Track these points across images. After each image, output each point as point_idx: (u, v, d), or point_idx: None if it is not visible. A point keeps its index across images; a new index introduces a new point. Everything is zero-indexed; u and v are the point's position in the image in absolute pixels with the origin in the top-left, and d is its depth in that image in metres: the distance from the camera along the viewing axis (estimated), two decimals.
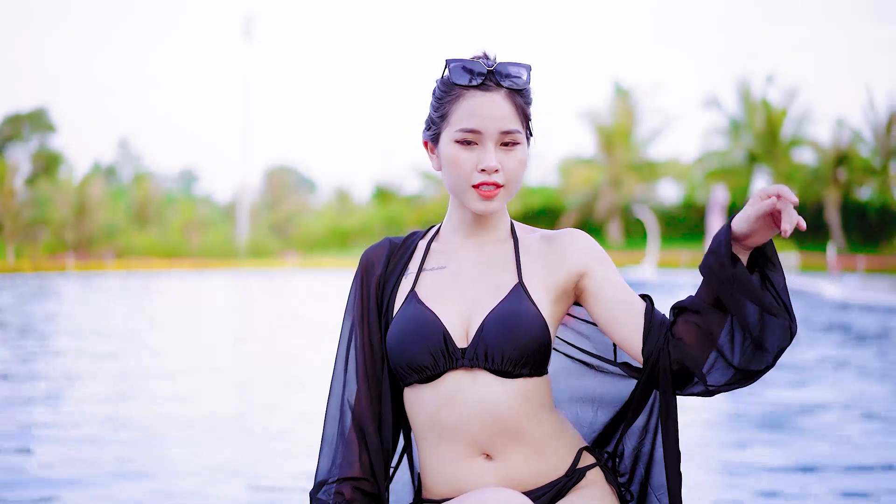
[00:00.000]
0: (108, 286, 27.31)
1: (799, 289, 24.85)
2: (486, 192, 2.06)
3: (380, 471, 2.14)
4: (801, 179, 45.90)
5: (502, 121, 2.04)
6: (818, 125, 72.06)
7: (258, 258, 47.31)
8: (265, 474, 5.26)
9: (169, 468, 5.31)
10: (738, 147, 47.78)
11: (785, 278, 2.01)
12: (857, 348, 11.85)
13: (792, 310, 1.99)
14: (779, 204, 1.86)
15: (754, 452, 5.81)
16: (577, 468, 2.12)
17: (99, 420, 6.82)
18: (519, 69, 2.08)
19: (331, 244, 56.05)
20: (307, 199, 69.66)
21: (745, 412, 7.23)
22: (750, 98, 47.67)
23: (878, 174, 44.77)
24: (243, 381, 9.21)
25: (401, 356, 2.08)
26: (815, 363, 10.16)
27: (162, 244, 46.41)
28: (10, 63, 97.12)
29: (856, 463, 5.44)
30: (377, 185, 62.80)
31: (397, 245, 2.22)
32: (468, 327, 2.08)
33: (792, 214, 1.85)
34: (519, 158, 2.07)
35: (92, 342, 12.18)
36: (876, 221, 44.38)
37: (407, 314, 2.10)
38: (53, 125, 49.87)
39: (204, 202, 65.04)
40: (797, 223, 1.85)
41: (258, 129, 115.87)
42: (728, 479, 5.16)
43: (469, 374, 2.06)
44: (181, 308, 19.59)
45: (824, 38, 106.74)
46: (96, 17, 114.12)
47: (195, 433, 6.38)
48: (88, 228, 44.62)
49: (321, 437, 2.19)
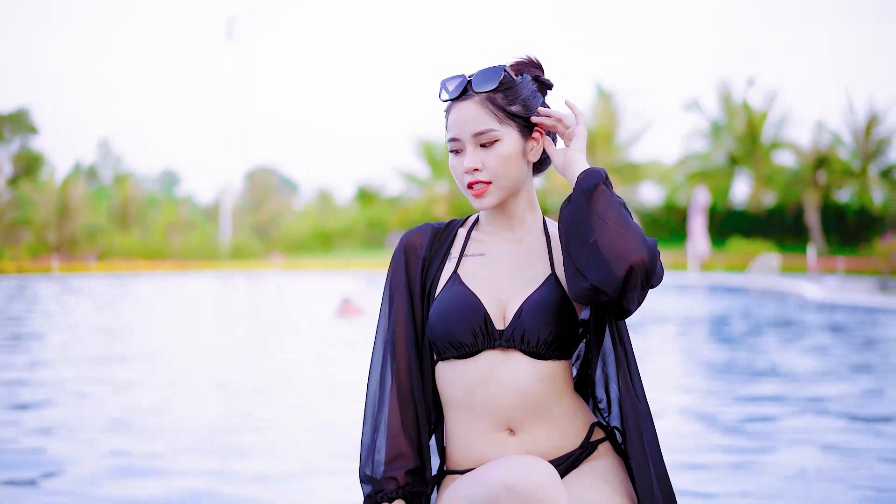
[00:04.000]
0: (102, 289, 27.27)
1: (780, 290, 25.07)
2: (475, 191, 2.29)
3: (425, 442, 2.32)
4: (782, 182, 46.22)
5: (473, 124, 2.25)
6: (798, 128, 72.40)
7: (241, 260, 47.25)
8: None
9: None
10: (719, 149, 48.05)
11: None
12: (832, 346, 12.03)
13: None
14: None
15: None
16: (590, 441, 2.33)
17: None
18: (487, 73, 2.28)
19: (314, 246, 56.04)
20: (289, 200, 69.56)
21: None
22: (730, 101, 47.95)
23: (857, 176, 45.11)
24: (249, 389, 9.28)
25: (443, 332, 2.27)
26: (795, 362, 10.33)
27: (144, 245, 46.29)
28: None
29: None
30: (359, 186, 62.77)
31: (440, 230, 2.42)
32: (504, 311, 2.28)
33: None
34: (498, 154, 2.27)
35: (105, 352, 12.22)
36: (855, 223, 44.72)
37: (451, 294, 2.30)
38: (35, 126, 49.62)
39: (185, 203, 64.88)
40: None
41: (240, 130, 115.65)
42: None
43: (503, 354, 2.26)
44: (187, 310, 19.61)
45: (824, 38, 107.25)
46: (75, 19, 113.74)
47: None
48: (70, 230, 44.47)
49: (363, 410, 2.36)
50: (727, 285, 27.98)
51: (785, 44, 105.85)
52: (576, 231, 2.18)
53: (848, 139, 45.69)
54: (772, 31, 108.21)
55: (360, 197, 62.39)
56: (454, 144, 2.29)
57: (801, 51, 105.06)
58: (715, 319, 16.58)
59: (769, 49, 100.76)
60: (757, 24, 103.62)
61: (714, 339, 13.47)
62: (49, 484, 4.94)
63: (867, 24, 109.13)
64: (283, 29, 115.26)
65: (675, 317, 16.72)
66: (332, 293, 22.12)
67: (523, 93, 2.30)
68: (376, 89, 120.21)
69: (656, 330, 13.99)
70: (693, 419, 7.03)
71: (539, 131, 2.32)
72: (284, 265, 43.55)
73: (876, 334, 13.79)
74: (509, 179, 2.29)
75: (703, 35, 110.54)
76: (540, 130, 2.32)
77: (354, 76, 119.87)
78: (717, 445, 6.01)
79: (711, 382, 9.05)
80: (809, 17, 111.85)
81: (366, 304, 17.16)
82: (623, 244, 2.13)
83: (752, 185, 47.69)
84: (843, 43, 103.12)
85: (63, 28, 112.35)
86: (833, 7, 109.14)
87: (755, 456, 5.68)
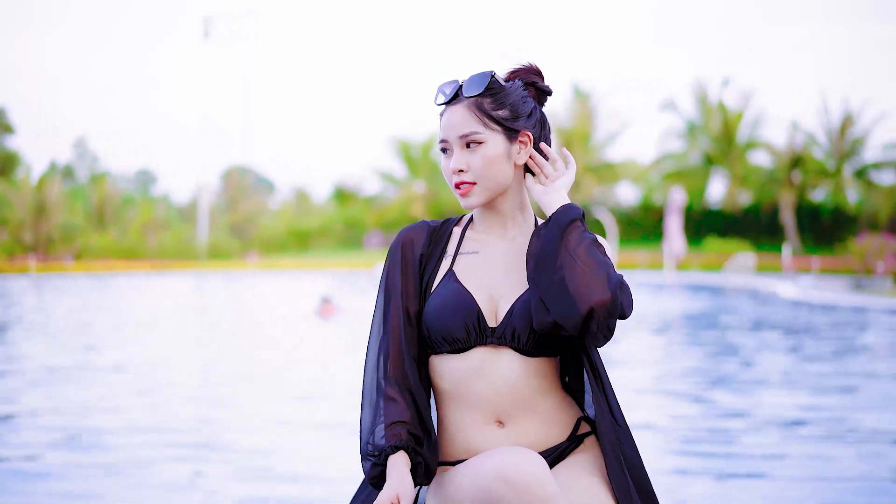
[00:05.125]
0: (80, 289, 27.17)
1: (756, 289, 25.27)
2: (461, 191, 2.39)
3: (426, 416, 2.37)
4: (757, 181, 46.50)
5: (459, 127, 2.36)
6: (773, 128, 72.85)
7: (218, 259, 47.12)
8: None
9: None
10: (695, 149, 48.27)
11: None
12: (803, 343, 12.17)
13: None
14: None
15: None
16: (577, 435, 2.43)
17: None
18: (475, 79, 2.39)
19: (290, 245, 55.92)
20: (266, 199, 69.41)
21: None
22: (706, 101, 48.19)
23: (832, 176, 45.45)
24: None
25: (438, 328, 2.37)
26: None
27: (121, 245, 46.04)
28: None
29: None
30: (336, 185, 62.68)
31: (436, 228, 2.51)
32: (496, 309, 2.37)
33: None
34: (482, 155, 2.37)
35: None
36: (829, 223, 45.07)
37: (447, 290, 2.39)
38: (10, 125, 49.40)
39: (162, 203, 64.65)
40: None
41: (216, 129, 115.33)
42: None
43: (494, 351, 2.35)
44: (166, 311, 19.59)
45: (824, 37, 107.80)
46: (50, 17, 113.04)
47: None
48: (47, 229, 44.24)
49: (361, 398, 2.42)
50: (703, 284, 28.17)
51: (804, 41, 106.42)
52: (544, 263, 2.27)
53: (823, 139, 46.04)
54: (790, 29, 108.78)
55: (337, 196, 62.31)
56: (443, 145, 2.41)
57: (822, 48, 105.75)
58: (691, 318, 16.73)
59: (787, 46, 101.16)
60: (772, 22, 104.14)
61: (690, 337, 13.60)
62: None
63: (888, 23, 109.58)
64: (262, 29, 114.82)
65: (652, 316, 16.86)
66: (311, 293, 22.15)
67: (511, 98, 2.39)
68: (354, 88, 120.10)
69: (632, 329, 14.11)
70: (666, 419, 7.12)
71: (527, 135, 2.41)
72: (261, 265, 43.48)
73: (849, 333, 13.96)
74: (494, 180, 2.38)
75: (704, 35, 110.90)
76: (528, 135, 2.41)
77: (331, 75, 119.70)
78: (688, 446, 6.09)
79: (684, 382, 9.16)
80: (828, 16, 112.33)
81: (345, 304, 17.22)
82: (588, 285, 2.23)
83: (727, 184, 47.96)
84: (863, 41, 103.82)
85: (33, 26, 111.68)
86: (854, 6, 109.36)
87: (724, 461, 5.76)
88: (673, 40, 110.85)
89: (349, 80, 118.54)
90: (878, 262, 25.16)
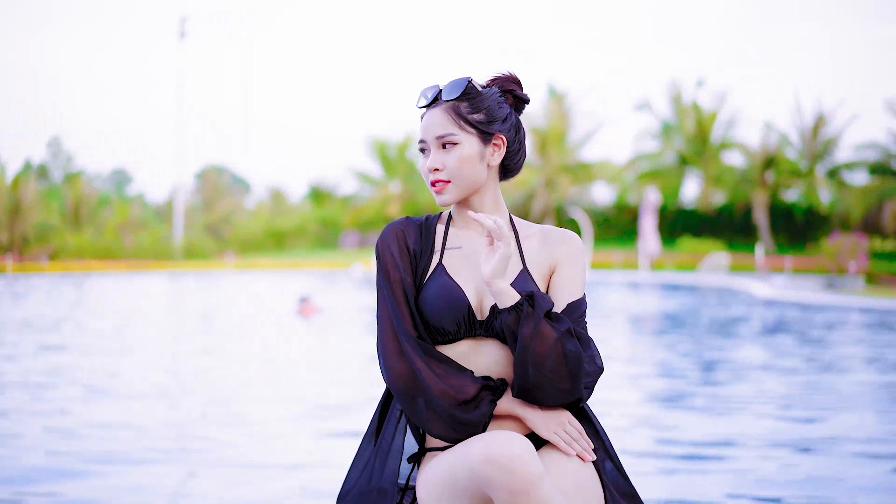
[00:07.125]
0: (56, 289, 27.05)
1: (729, 288, 25.49)
2: (436, 189, 2.56)
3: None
4: (731, 181, 46.81)
5: (436, 128, 2.52)
6: (747, 128, 73.26)
7: (194, 259, 47.01)
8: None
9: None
10: (670, 149, 48.54)
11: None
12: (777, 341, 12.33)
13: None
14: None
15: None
16: None
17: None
18: (453, 84, 2.56)
19: (266, 245, 55.86)
20: (241, 199, 69.28)
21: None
22: (680, 101, 48.47)
23: (805, 176, 45.79)
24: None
25: (430, 320, 2.51)
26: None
27: (96, 245, 45.85)
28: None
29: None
30: (312, 185, 62.62)
31: (421, 224, 2.64)
32: (481, 302, 2.51)
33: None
34: (457, 156, 2.53)
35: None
36: (802, 222, 45.44)
37: (439, 284, 2.52)
38: None
39: (137, 203, 64.41)
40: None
41: (190, 129, 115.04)
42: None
43: (480, 341, 2.51)
44: (144, 311, 19.56)
45: (824, 37, 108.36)
46: (23, 16, 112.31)
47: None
48: (22, 229, 44.04)
49: (412, 368, 2.47)
50: (677, 284, 28.36)
51: (804, 41, 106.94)
52: (520, 357, 2.38)
53: (796, 140, 46.39)
54: (790, 29, 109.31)
55: (312, 196, 62.28)
56: (422, 145, 2.57)
57: (822, 48, 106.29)
58: (665, 317, 16.88)
59: (787, 46, 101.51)
60: (772, 22, 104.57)
61: (663, 336, 13.74)
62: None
63: (888, 23, 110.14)
64: (239, 29, 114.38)
65: (626, 314, 17.02)
66: (288, 293, 22.19)
67: (486, 102, 2.55)
68: (330, 88, 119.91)
69: (606, 327, 14.25)
70: (636, 418, 7.23)
71: (501, 139, 2.56)
72: (238, 265, 43.43)
73: (820, 332, 14.13)
74: (467, 180, 2.54)
75: (703, 35, 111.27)
76: (501, 138, 2.56)
77: (308, 75, 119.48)
78: (660, 443, 6.21)
79: (659, 380, 9.28)
80: (828, 16, 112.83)
81: (323, 304, 17.28)
82: (562, 394, 2.42)
83: (701, 184, 48.27)
84: (863, 41, 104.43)
85: (13, 27, 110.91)
86: (854, 6, 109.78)
87: (698, 462, 5.86)
88: (654, 41, 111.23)
89: (326, 80, 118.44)
90: (850, 261, 25.47)
